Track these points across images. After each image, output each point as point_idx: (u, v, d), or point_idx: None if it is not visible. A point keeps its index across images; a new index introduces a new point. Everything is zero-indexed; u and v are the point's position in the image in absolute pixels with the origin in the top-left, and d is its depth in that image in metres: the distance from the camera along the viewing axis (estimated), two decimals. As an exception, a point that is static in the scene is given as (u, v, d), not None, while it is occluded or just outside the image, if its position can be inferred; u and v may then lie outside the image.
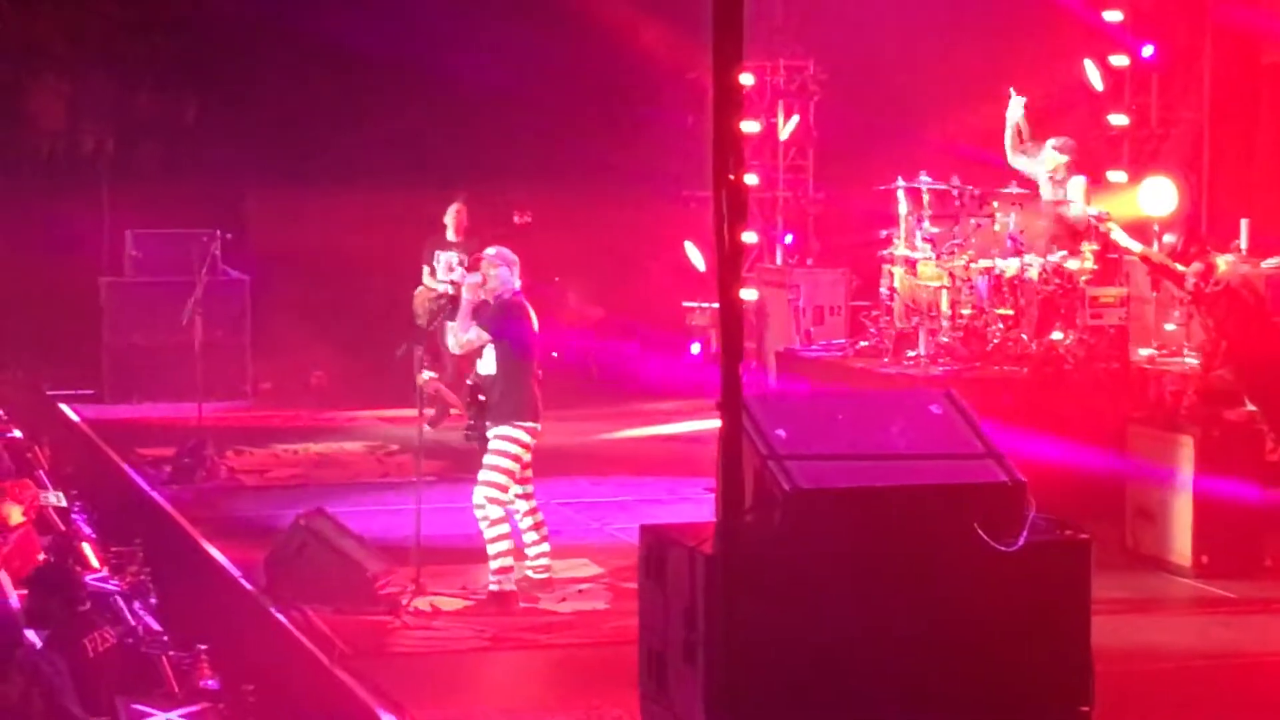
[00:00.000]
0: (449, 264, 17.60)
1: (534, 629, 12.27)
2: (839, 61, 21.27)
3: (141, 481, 16.83)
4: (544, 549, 12.95)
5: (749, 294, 19.30)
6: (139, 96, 23.94)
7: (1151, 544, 13.77)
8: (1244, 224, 17.81)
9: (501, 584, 12.59)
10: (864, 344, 17.15)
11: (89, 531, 13.55)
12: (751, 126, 20.81)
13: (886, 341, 16.65)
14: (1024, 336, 15.84)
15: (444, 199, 19.25)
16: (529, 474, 12.84)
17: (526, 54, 22.26)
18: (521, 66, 22.13)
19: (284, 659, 11.78)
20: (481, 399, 12.64)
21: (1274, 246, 17.56)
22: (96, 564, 12.76)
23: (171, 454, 17.25)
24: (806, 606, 7.81)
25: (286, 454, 18.15)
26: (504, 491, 12.61)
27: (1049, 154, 16.47)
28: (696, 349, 21.91)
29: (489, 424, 12.59)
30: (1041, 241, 16.05)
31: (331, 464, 17.78)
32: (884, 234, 17.10)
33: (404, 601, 12.53)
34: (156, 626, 11.91)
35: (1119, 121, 20.38)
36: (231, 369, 20.66)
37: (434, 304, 17.07)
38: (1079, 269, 15.96)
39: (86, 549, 12.94)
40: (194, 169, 23.25)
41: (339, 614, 12.25)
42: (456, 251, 18.09)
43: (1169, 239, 17.90)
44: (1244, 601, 12.93)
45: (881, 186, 17.00)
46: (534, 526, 12.92)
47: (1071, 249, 15.91)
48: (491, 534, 12.57)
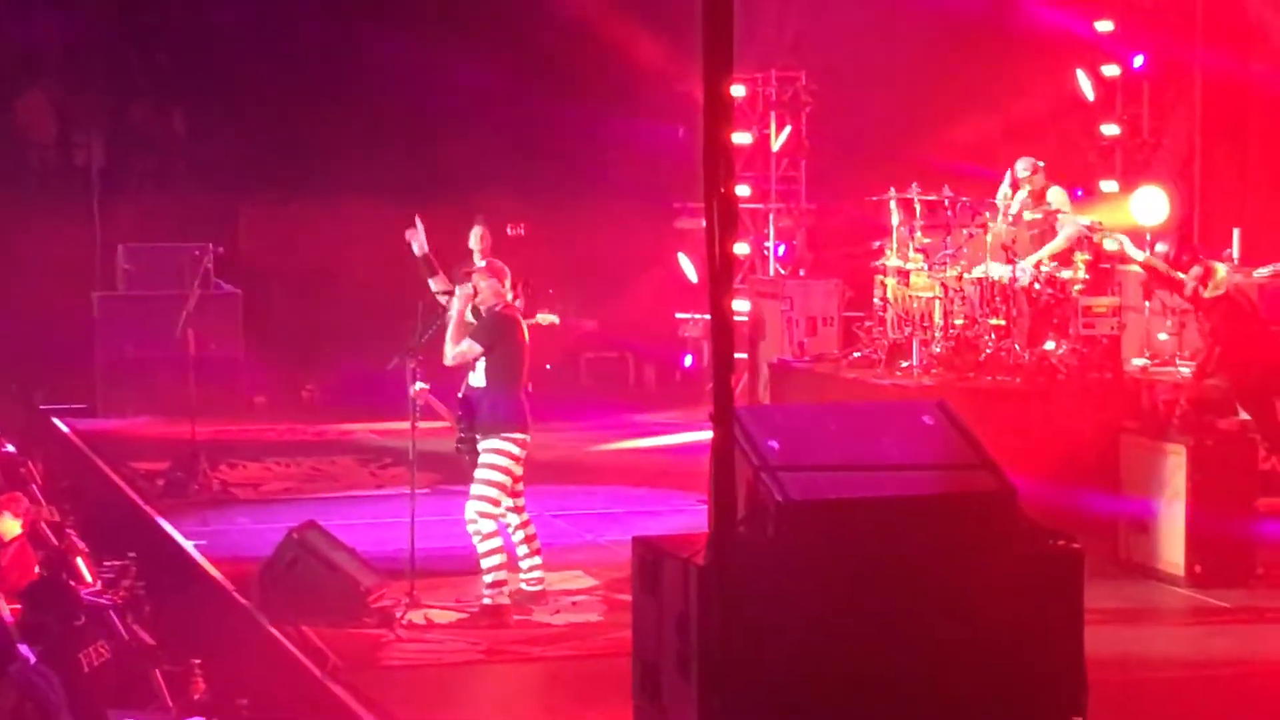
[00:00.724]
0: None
1: (528, 641, 12.26)
2: (831, 73, 21.30)
3: (135, 495, 16.82)
4: (536, 561, 12.95)
5: (741, 305, 19.31)
6: (130, 109, 23.95)
7: (1144, 553, 13.78)
8: (1236, 233, 17.86)
9: (495, 597, 12.59)
10: (857, 355, 17.17)
11: (82, 546, 13.54)
12: (744, 138, 20.84)
13: (879, 352, 16.66)
14: (1017, 347, 15.84)
15: (439, 212, 19.14)
16: (520, 486, 12.84)
17: (519, 66, 22.28)
18: (515, 78, 22.16)
19: (277, 672, 11.77)
20: (472, 411, 12.64)
21: (1266, 255, 17.60)
22: (90, 578, 12.76)
23: (165, 468, 17.25)
24: (800, 617, 7.80)
25: (279, 467, 18.14)
26: (495, 505, 12.60)
27: (1026, 171, 16.40)
28: (689, 361, 21.92)
29: (479, 436, 12.60)
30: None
31: (325, 477, 17.77)
32: (876, 245, 17.11)
33: (398, 614, 12.52)
34: (150, 640, 11.92)
35: (1111, 131, 20.43)
36: (224, 382, 20.66)
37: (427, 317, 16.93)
38: (1071, 279, 15.98)
39: (80, 563, 12.94)
40: (186, 182, 23.29)
41: (332, 627, 12.24)
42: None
43: (1161, 248, 17.91)
44: (1237, 610, 12.93)
45: (874, 197, 17.01)
46: (526, 539, 12.91)
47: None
48: (484, 548, 12.56)
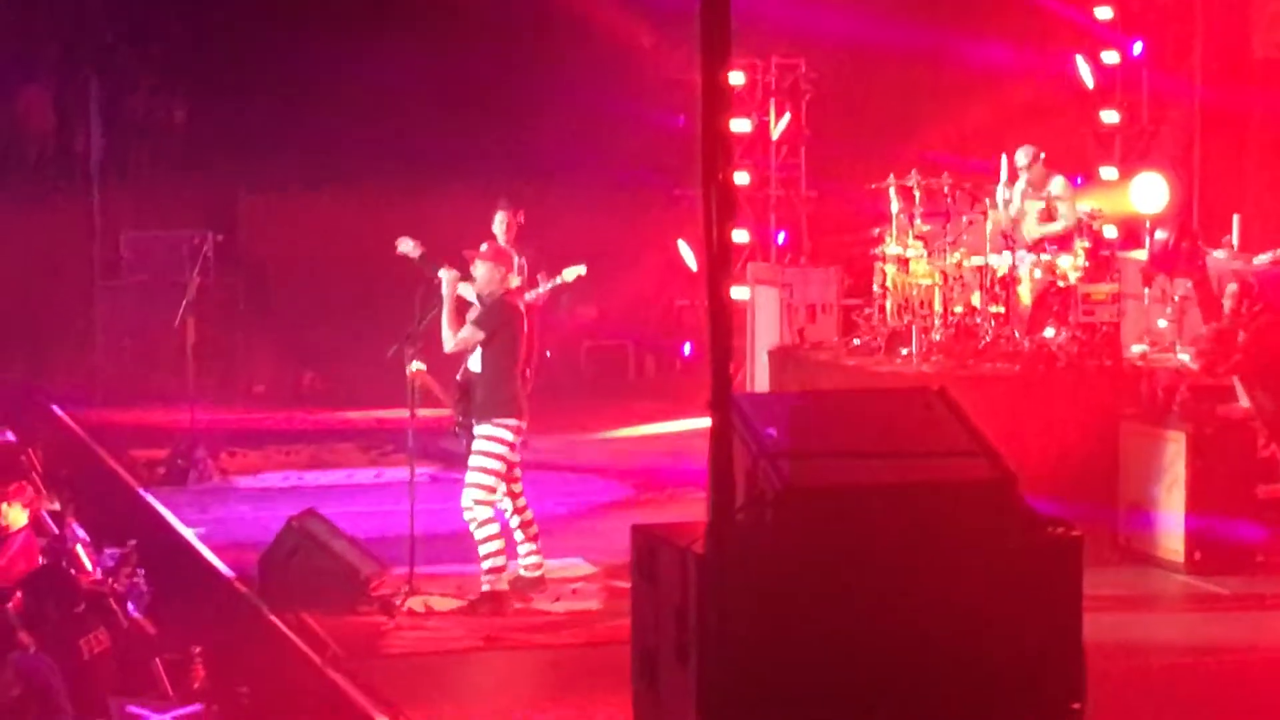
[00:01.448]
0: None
1: (527, 629, 12.27)
2: (830, 60, 21.28)
3: (135, 484, 16.83)
4: (534, 548, 12.95)
5: (741, 293, 19.30)
6: (129, 97, 23.93)
7: (1144, 540, 13.78)
8: (1235, 219, 17.86)
9: (494, 584, 12.59)
10: (856, 342, 17.16)
11: (83, 534, 13.56)
12: (743, 125, 20.83)
13: (879, 339, 16.65)
14: (1016, 334, 15.84)
15: (434, 198, 19.16)
16: (518, 473, 12.84)
17: (517, 53, 22.26)
18: (512, 66, 22.13)
19: (277, 660, 11.79)
20: (470, 395, 12.66)
21: (1265, 241, 17.60)
22: (90, 567, 12.78)
23: (164, 456, 17.26)
24: (798, 605, 7.80)
25: (279, 455, 18.15)
26: (491, 492, 12.60)
27: (1026, 160, 16.40)
28: (689, 349, 21.91)
29: (475, 421, 12.60)
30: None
31: (324, 465, 17.78)
32: (876, 232, 17.10)
33: (397, 602, 12.54)
34: (150, 629, 11.94)
35: (1110, 118, 20.42)
36: (224, 370, 20.66)
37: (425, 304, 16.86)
38: (1071, 266, 15.98)
39: (81, 552, 12.96)
40: (186, 170, 23.25)
41: (332, 615, 12.26)
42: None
43: (1161, 235, 17.91)
44: (1236, 597, 12.95)
45: (873, 185, 16.99)
46: (523, 526, 12.91)
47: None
48: (481, 534, 12.56)
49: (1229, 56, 19.82)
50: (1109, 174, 20.07)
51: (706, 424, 6.84)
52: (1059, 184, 16.42)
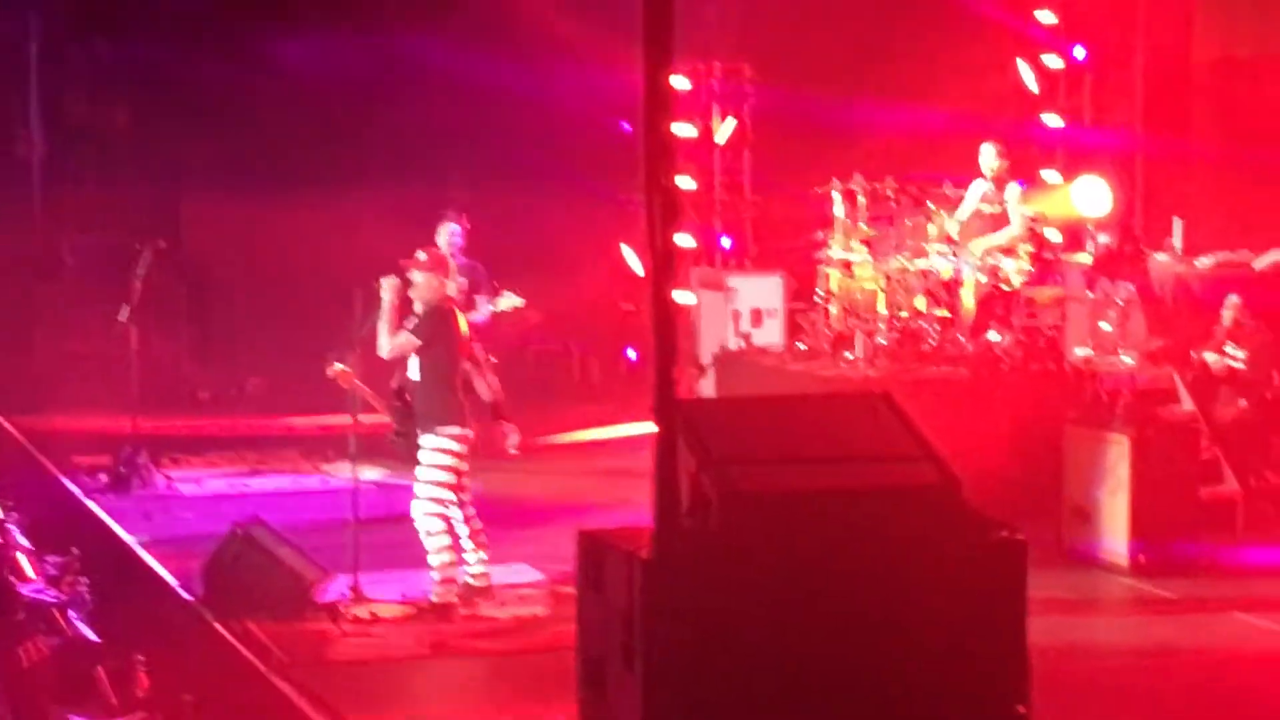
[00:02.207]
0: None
1: (474, 635, 12.24)
2: (774, 64, 21.30)
3: (78, 490, 16.72)
4: (482, 556, 12.92)
5: (686, 297, 19.30)
6: (71, 101, 23.79)
7: (1088, 543, 13.83)
8: (1177, 223, 17.93)
9: (443, 596, 12.56)
10: (802, 346, 17.18)
11: (24, 542, 13.44)
12: (687, 130, 20.82)
13: (823, 344, 16.67)
14: (960, 338, 15.88)
15: (381, 203, 19.10)
16: (466, 481, 12.81)
17: (462, 57, 22.21)
18: (457, 70, 22.08)
19: (222, 668, 11.72)
20: (407, 402, 12.61)
21: (1206, 245, 17.70)
22: (32, 574, 12.67)
23: (108, 462, 17.15)
24: (744, 610, 7.80)
25: (223, 462, 18.07)
26: (442, 504, 12.57)
27: (989, 158, 16.47)
28: (633, 353, 21.90)
29: (419, 431, 12.56)
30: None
31: (268, 471, 17.70)
32: (820, 236, 17.12)
33: (343, 609, 12.48)
34: (93, 637, 11.84)
35: (1053, 122, 20.48)
36: (167, 377, 20.54)
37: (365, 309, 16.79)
38: (1015, 270, 16.03)
39: (21, 559, 12.84)
40: (129, 176, 23.13)
41: (277, 622, 12.20)
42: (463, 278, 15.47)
43: (1104, 239, 17.99)
44: (1181, 600, 13.00)
45: (817, 189, 17.02)
46: (472, 534, 12.87)
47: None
48: (432, 545, 12.53)
49: (1171, 61, 19.92)
50: (1052, 178, 20.13)
51: (651, 429, 6.83)
52: (1013, 192, 16.46)
